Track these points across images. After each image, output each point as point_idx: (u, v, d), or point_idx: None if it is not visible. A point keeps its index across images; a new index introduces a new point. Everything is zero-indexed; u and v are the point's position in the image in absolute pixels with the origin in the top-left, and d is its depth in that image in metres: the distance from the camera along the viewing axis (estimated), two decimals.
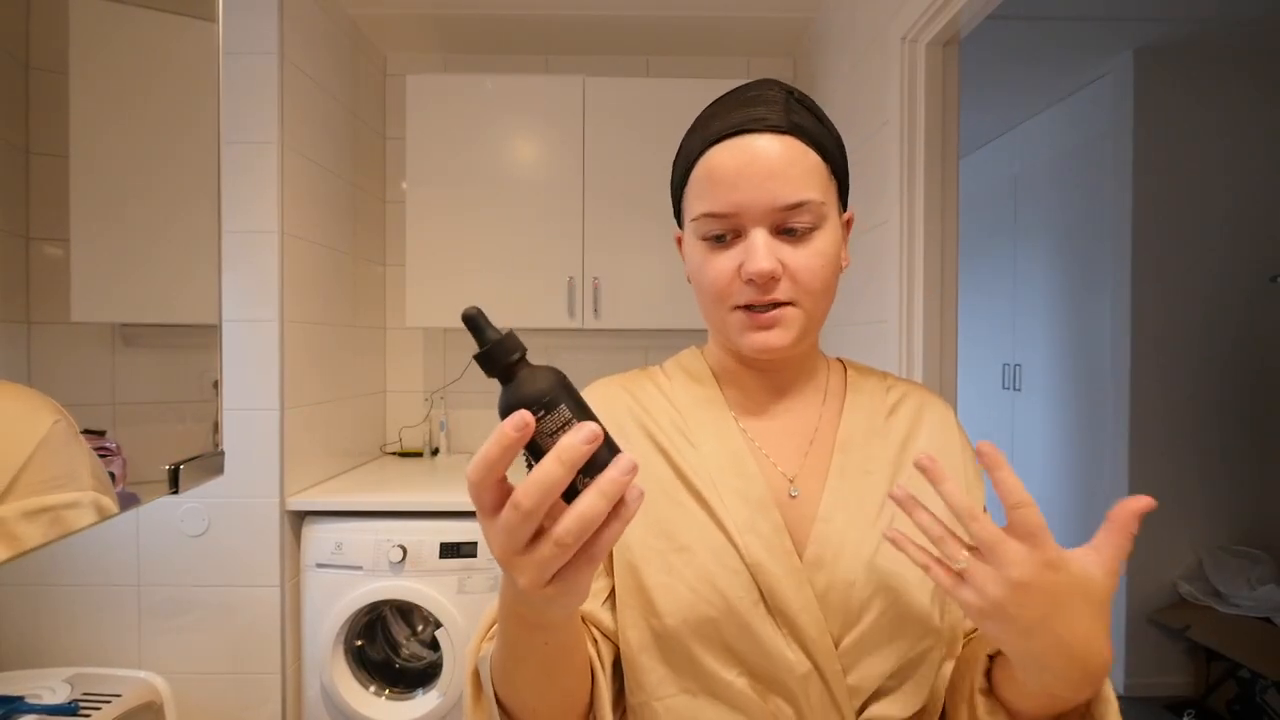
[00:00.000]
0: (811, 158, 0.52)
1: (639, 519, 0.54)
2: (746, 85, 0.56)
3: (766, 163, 0.50)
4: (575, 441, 0.30)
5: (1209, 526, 2.31)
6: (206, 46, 0.62)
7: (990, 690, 0.49)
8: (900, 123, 1.39)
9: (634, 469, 0.31)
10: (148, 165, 0.57)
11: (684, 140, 0.58)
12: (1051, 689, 0.41)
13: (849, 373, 0.64)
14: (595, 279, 1.95)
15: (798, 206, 0.50)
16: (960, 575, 0.40)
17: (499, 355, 0.33)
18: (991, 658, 0.50)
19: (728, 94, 0.56)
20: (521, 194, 1.94)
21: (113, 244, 0.53)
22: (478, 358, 0.33)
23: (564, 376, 0.34)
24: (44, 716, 1.25)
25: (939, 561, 0.42)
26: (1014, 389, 3.07)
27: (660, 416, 0.58)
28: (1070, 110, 2.66)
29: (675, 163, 0.59)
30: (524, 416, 0.30)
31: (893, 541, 0.44)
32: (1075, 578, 0.39)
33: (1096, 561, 0.40)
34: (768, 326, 0.52)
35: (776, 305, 0.52)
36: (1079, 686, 0.41)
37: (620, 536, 0.32)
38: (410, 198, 1.93)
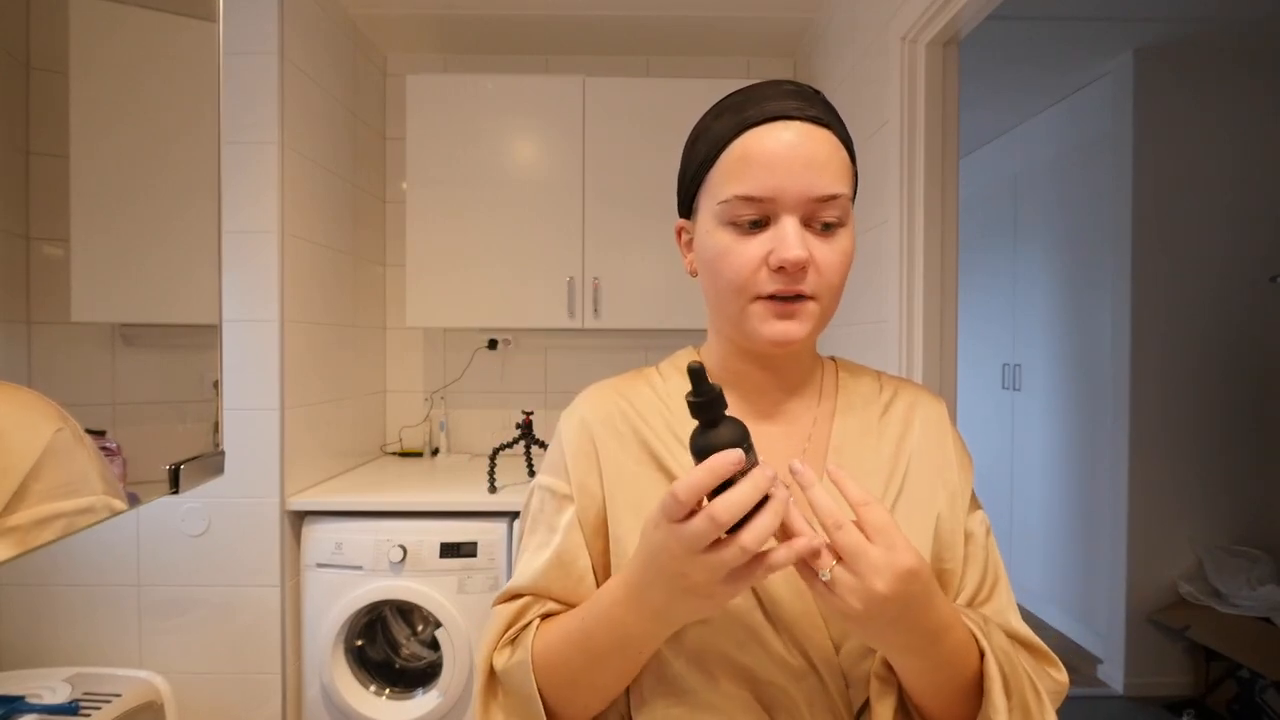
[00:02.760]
0: (843, 155, 0.52)
1: (636, 527, 0.54)
2: (776, 80, 0.55)
3: (807, 151, 0.50)
4: (767, 475, 0.39)
5: (1209, 526, 2.31)
6: (206, 46, 0.62)
7: (886, 675, 0.49)
8: (900, 123, 1.39)
9: (789, 498, 0.41)
10: (148, 165, 0.57)
11: (705, 125, 0.55)
12: (895, 661, 0.46)
13: (840, 373, 0.63)
14: (595, 279, 1.95)
15: (832, 199, 0.50)
16: (826, 585, 0.41)
17: (716, 406, 0.41)
18: None
19: (758, 84, 0.55)
20: (521, 194, 1.94)
21: (113, 244, 0.53)
22: (696, 404, 0.41)
23: (747, 429, 0.42)
24: (44, 716, 1.25)
25: (807, 566, 0.42)
26: (1014, 389, 3.07)
27: (654, 421, 0.58)
28: (1070, 110, 2.66)
29: (694, 147, 0.56)
30: (739, 455, 0.39)
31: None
32: (925, 578, 0.42)
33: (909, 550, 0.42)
34: (790, 316, 0.52)
35: (799, 297, 0.51)
36: (920, 654, 0.45)
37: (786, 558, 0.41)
38: (410, 198, 1.93)
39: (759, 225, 0.51)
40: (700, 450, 0.41)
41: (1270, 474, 2.31)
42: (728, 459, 0.38)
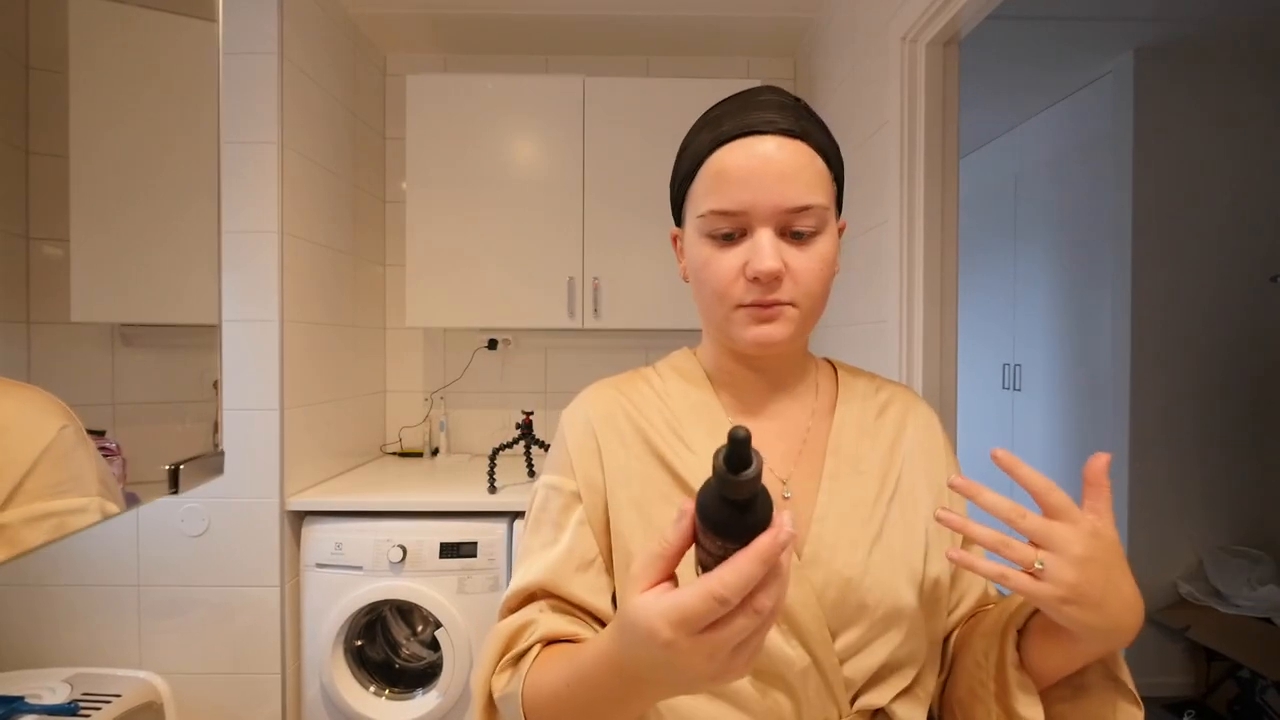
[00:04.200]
0: (819, 164, 0.53)
1: (638, 523, 0.55)
2: (755, 89, 0.56)
3: (778, 164, 0.51)
4: (774, 546, 0.32)
5: (1209, 526, 2.30)
6: (207, 46, 0.62)
7: (1020, 664, 0.50)
8: (900, 123, 1.39)
9: (790, 539, 0.33)
10: (147, 165, 0.57)
11: (689, 138, 0.58)
12: (1110, 646, 0.46)
13: (840, 374, 0.65)
14: (595, 279, 1.95)
15: (805, 210, 0.51)
16: (1036, 574, 0.43)
17: (751, 485, 0.33)
18: (1019, 631, 0.51)
19: (735, 96, 0.56)
20: (521, 194, 1.94)
21: (112, 244, 0.53)
22: (730, 468, 0.33)
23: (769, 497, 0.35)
24: (44, 716, 1.25)
25: (1020, 574, 0.44)
26: (1014, 389, 3.07)
27: (655, 418, 0.59)
28: (1070, 110, 2.66)
29: (679, 160, 0.59)
30: (788, 535, 0.33)
31: (958, 561, 0.45)
32: (1111, 538, 0.44)
33: (1104, 522, 0.44)
34: (769, 320, 0.53)
35: (778, 303, 0.53)
36: (1134, 630, 0.45)
37: (783, 594, 0.35)
38: (410, 198, 1.93)
39: (737, 236, 0.53)
40: (730, 528, 0.33)
41: (1270, 474, 2.30)
42: (776, 545, 0.32)
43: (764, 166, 0.51)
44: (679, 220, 0.61)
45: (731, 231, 0.53)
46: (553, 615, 0.53)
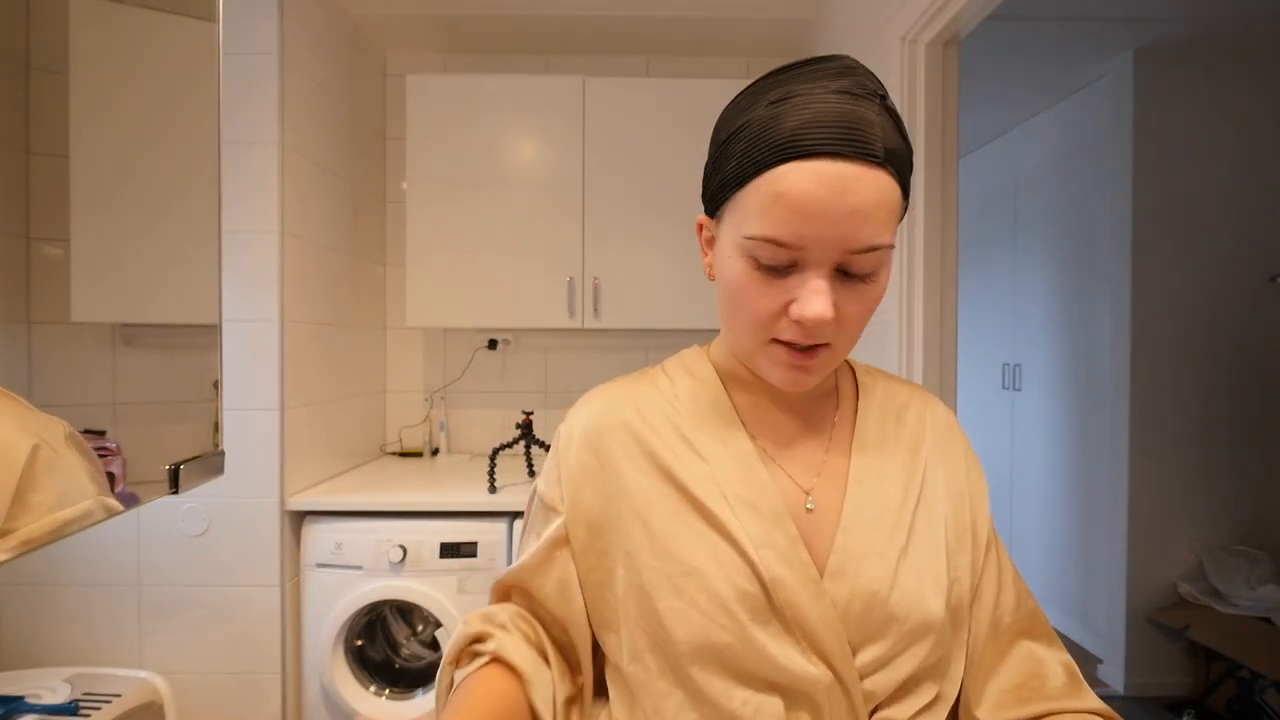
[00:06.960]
0: (896, 195, 0.46)
1: (645, 539, 0.53)
2: (839, 70, 0.46)
3: (854, 201, 0.43)
4: None
5: (1209, 526, 2.31)
6: (206, 46, 0.62)
7: None
8: None
9: None
10: (147, 165, 0.57)
11: (747, 120, 0.47)
12: None
13: (858, 373, 0.62)
14: (595, 279, 1.95)
15: (869, 251, 0.45)
16: None
17: None
18: None
19: (813, 72, 0.46)
20: (521, 194, 1.94)
21: (113, 244, 0.53)
22: None
23: None
24: (44, 716, 1.25)
25: None
26: (1014, 389, 3.07)
27: (661, 426, 0.56)
28: (1070, 110, 2.66)
29: (728, 144, 0.49)
30: None
31: None
32: None
33: None
34: (803, 367, 0.50)
35: (817, 346, 0.49)
36: None
37: None
38: (410, 198, 1.93)
39: (786, 267, 0.47)
40: None
41: (1270, 474, 2.31)
42: None
43: (837, 200, 0.43)
44: (714, 210, 0.53)
45: (779, 264, 0.46)
46: (515, 634, 0.56)
